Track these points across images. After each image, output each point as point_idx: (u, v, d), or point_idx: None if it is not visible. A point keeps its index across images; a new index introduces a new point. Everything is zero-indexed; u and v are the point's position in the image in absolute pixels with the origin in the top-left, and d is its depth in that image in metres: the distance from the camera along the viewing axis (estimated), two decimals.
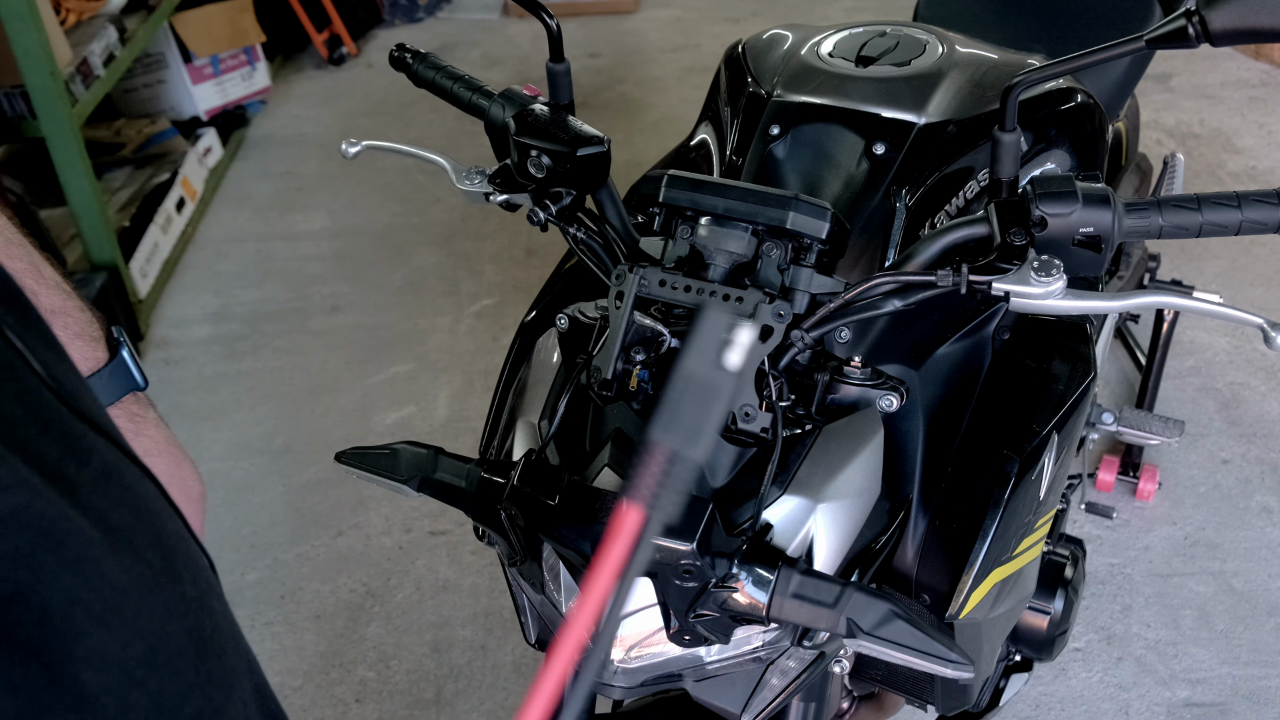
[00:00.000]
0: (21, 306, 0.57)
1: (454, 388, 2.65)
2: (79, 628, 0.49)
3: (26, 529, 0.48)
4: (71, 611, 0.49)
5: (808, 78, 1.25)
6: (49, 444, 0.51)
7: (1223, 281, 2.82)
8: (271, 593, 2.13)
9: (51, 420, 0.53)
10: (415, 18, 4.83)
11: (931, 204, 1.16)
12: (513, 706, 1.89)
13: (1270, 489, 2.23)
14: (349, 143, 1.20)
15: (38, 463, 0.50)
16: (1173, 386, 2.48)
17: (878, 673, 1.18)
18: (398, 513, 2.28)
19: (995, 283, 0.88)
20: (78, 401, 0.56)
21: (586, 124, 1.05)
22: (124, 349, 0.79)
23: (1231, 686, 1.87)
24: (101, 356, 0.78)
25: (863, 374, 0.99)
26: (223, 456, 2.48)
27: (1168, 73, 3.83)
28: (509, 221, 3.23)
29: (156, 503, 0.60)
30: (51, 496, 0.49)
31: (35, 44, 2.48)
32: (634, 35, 4.57)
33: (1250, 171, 3.28)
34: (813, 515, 0.91)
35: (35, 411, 0.52)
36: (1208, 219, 0.87)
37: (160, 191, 3.22)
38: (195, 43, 3.65)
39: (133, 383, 0.79)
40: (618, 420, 0.92)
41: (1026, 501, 1.08)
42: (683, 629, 0.89)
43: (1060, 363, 1.16)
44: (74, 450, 0.53)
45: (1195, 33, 0.86)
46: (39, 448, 0.51)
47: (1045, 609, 1.30)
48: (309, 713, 1.91)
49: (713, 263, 0.97)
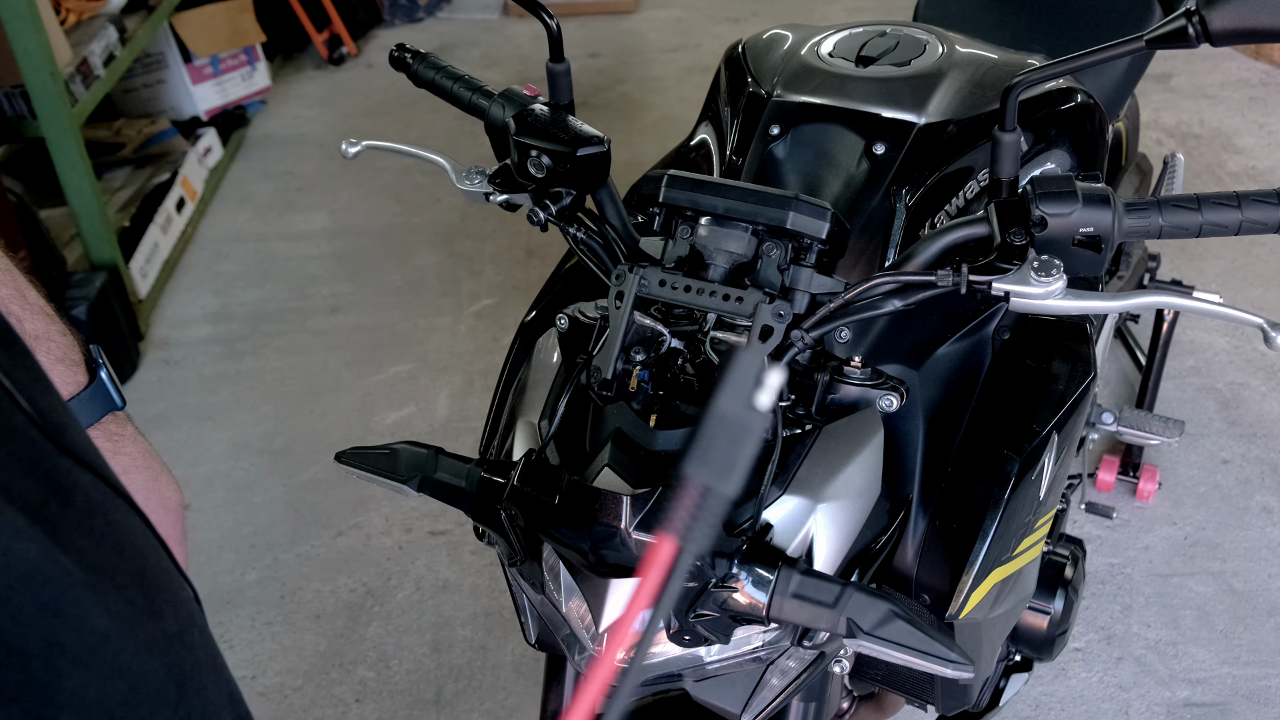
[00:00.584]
0: (9, 340, 0.57)
1: (454, 388, 2.65)
2: (59, 670, 0.49)
3: (6, 572, 0.48)
4: (51, 654, 0.49)
5: (808, 78, 1.25)
6: (32, 484, 0.51)
7: (1223, 281, 2.82)
8: (271, 593, 2.13)
9: (37, 459, 0.53)
10: (415, 18, 4.83)
11: (931, 204, 1.16)
12: (513, 707, 1.89)
13: (1270, 489, 2.23)
14: (349, 143, 1.20)
15: (20, 504, 0.50)
16: (1173, 386, 2.48)
17: (878, 673, 1.18)
18: (398, 513, 2.28)
19: (995, 283, 0.88)
20: (63, 436, 0.56)
21: (586, 124, 1.05)
22: (102, 370, 0.80)
23: (1231, 686, 1.87)
24: (82, 380, 0.79)
25: (863, 374, 0.99)
26: (223, 456, 2.48)
27: (1168, 73, 3.83)
28: (509, 221, 3.23)
29: (140, 537, 0.60)
30: (34, 537, 0.49)
31: (35, 44, 2.48)
32: (634, 35, 4.57)
33: (1250, 171, 3.28)
34: (813, 515, 0.91)
35: (19, 451, 0.52)
36: (1208, 219, 0.87)
37: (160, 191, 3.22)
38: (195, 43, 3.65)
39: (111, 404, 0.80)
40: (618, 420, 0.92)
41: (1026, 501, 1.08)
42: (683, 629, 0.89)
43: (1060, 363, 1.16)
44: (58, 488, 0.53)
45: (1195, 33, 0.86)
46: (22, 489, 0.51)
47: (1045, 609, 1.30)
48: (309, 713, 1.91)
49: (713, 263, 0.97)
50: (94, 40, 2.86)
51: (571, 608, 0.92)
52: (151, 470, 0.82)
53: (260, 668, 1.99)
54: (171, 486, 0.84)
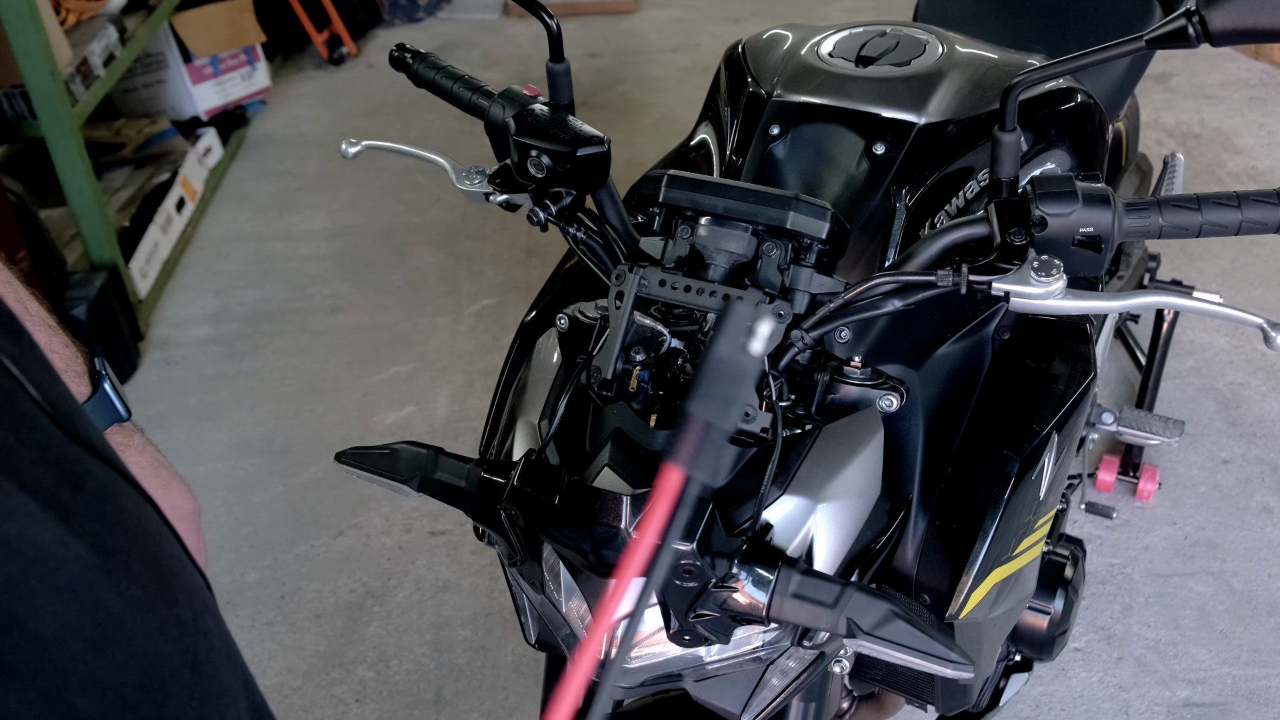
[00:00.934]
0: (16, 331, 0.58)
1: (454, 388, 2.65)
2: (74, 654, 0.49)
3: (19, 556, 0.48)
4: (66, 638, 0.49)
5: (808, 78, 1.25)
6: (44, 470, 0.52)
7: (1223, 281, 2.82)
8: (271, 593, 2.13)
9: (47, 445, 0.53)
10: (415, 18, 4.83)
11: (931, 204, 1.16)
12: (513, 706, 1.89)
13: (1270, 489, 2.23)
14: (349, 143, 1.20)
15: (32, 489, 0.50)
16: (1173, 386, 2.48)
17: (878, 673, 1.18)
18: (398, 513, 2.28)
19: (995, 283, 0.88)
20: (74, 425, 0.57)
21: (586, 124, 1.05)
22: (105, 381, 0.80)
23: (1231, 686, 1.87)
24: (85, 391, 0.79)
25: (863, 374, 0.99)
26: (223, 456, 2.48)
27: (1168, 73, 3.83)
28: (509, 221, 3.23)
29: (152, 525, 0.60)
30: (46, 522, 0.50)
31: (35, 44, 2.48)
32: (634, 35, 4.57)
33: (1250, 171, 3.28)
34: (813, 515, 0.91)
35: (30, 438, 0.53)
36: (1208, 219, 0.87)
37: (160, 191, 3.22)
38: (195, 43, 3.65)
39: (116, 415, 0.80)
40: (618, 420, 0.92)
41: (1026, 501, 1.08)
42: (683, 629, 0.89)
43: (1060, 363, 1.16)
44: (69, 475, 0.54)
45: (1195, 33, 0.86)
46: (34, 474, 0.51)
47: (1045, 609, 1.30)
48: (309, 713, 1.91)
49: (713, 263, 0.97)
50: (94, 40, 2.86)
51: (571, 608, 0.92)
52: (161, 479, 0.82)
53: (260, 668, 1.99)
54: (184, 494, 0.84)
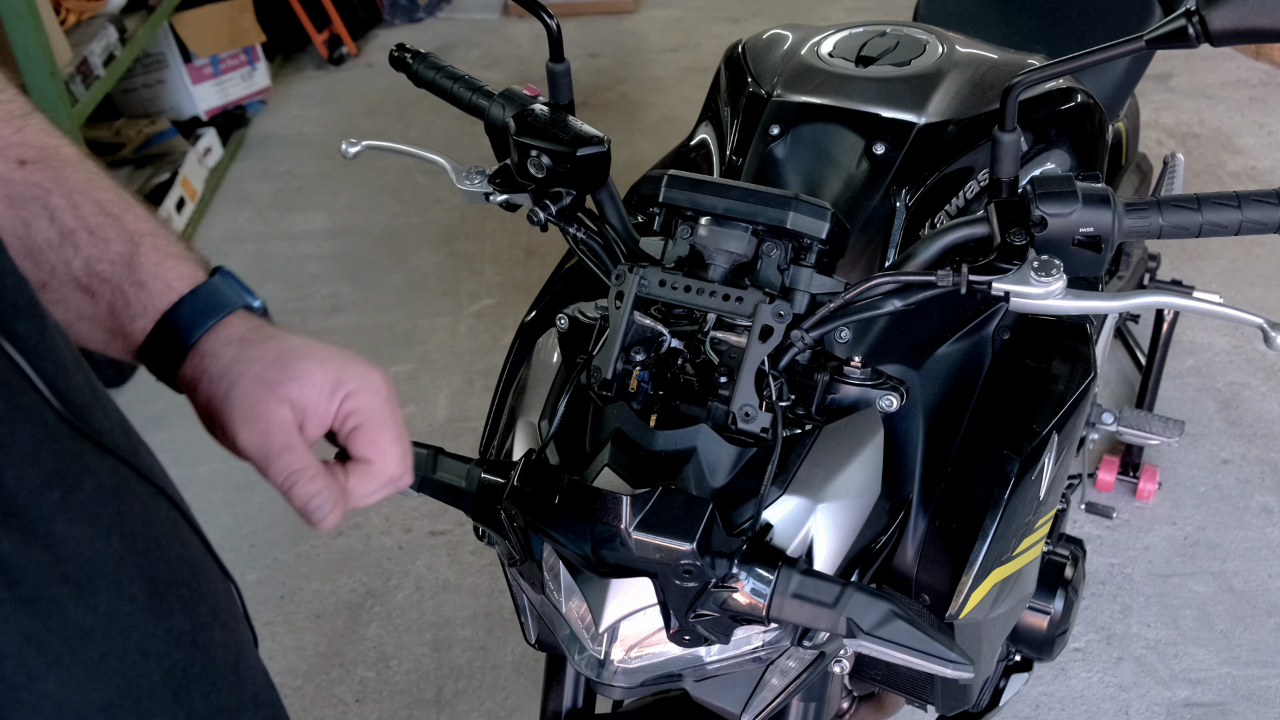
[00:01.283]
0: (38, 315, 0.54)
1: (454, 388, 2.65)
2: (33, 670, 0.47)
3: None
4: (26, 652, 0.46)
5: (808, 78, 1.24)
6: (31, 467, 0.49)
7: (1223, 281, 2.82)
8: (271, 593, 2.13)
9: (43, 441, 0.50)
10: (415, 18, 4.83)
11: (931, 204, 1.16)
12: (513, 706, 1.89)
13: (1270, 489, 2.23)
14: (349, 143, 1.20)
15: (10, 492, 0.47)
16: (1173, 386, 2.48)
17: (878, 673, 1.18)
18: (398, 513, 2.28)
19: (995, 283, 0.88)
20: (84, 418, 0.53)
21: (586, 124, 1.05)
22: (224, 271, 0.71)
23: (1231, 686, 1.86)
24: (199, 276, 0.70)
25: (863, 374, 0.99)
26: (223, 456, 2.44)
27: (1168, 73, 3.83)
28: (509, 221, 3.23)
29: (163, 527, 0.57)
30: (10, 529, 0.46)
31: (35, 44, 2.48)
32: (634, 35, 4.57)
33: (1250, 171, 3.28)
34: (813, 515, 0.91)
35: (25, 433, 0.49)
36: (1208, 219, 0.87)
37: (160, 191, 3.22)
38: (195, 43, 3.65)
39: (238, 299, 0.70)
40: (618, 420, 0.92)
41: (1026, 501, 1.08)
42: (683, 629, 0.89)
43: (1060, 363, 1.16)
44: (63, 474, 0.50)
45: (1195, 33, 0.86)
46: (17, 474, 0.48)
47: (1045, 609, 1.30)
48: (309, 713, 1.91)
49: (713, 263, 0.97)
50: (94, 40, 2.86)
51: (571, 608, 0.92)
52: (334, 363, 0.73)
53: None
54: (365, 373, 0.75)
